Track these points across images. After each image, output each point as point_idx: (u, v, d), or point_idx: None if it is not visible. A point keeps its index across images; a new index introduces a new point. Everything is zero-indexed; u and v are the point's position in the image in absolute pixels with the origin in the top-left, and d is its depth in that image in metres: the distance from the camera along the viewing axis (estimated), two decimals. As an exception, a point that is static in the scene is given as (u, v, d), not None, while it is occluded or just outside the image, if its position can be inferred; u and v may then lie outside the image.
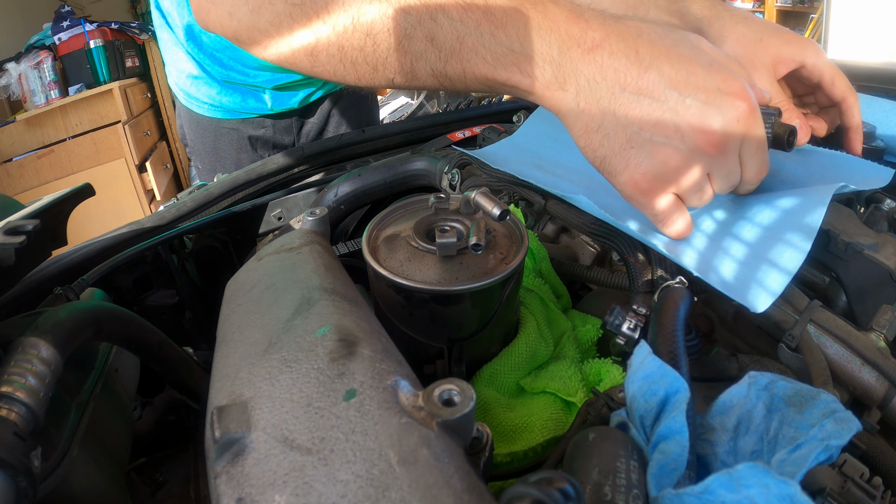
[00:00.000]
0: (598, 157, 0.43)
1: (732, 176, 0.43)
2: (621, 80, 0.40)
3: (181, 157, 3.63)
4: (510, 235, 0.46)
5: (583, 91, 0.41)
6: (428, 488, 0.22)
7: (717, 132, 0.40)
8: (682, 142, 0.40)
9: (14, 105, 2.95)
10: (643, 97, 0.40)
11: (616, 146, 0.42)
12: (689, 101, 0.40)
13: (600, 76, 0.41)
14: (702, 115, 0.40)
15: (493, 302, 0.43)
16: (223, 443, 0.25)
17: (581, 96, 0.41)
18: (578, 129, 0.43)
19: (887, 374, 0.40)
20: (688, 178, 0.42)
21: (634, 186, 0.43)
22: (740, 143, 0.42)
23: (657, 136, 0.40)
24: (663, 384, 0.30)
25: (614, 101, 0.41)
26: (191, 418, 0.61)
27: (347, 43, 0.45)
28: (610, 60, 0.40)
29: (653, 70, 0.40)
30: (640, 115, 0.40)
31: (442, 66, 0.44)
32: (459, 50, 0.43)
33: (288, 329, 0.32)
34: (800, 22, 4.93)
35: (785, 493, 0.23)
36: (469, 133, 0.93)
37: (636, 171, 0.42)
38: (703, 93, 0.40)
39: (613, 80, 0.40)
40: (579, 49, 0.41)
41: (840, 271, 0.48)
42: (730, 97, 0.40)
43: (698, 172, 0.42)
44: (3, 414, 0.32)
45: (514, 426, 0.42)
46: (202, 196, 0.80)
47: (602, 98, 0.41)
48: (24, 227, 0.43)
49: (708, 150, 0.40)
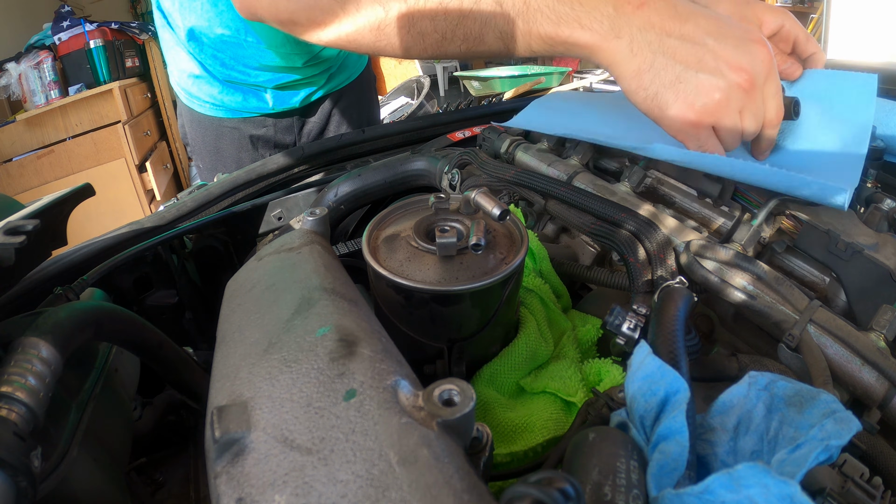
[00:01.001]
0: (649, 94, 0.50)
1: (759, 114, 0.50)
2: (667, 28, 0.48)
3: (181, 157, 3.63)
4: (510, 235, 0.46)
5: (636, 38, 0.48)
6: (428, 488, 0.22)
7: (748, 69, 0.48)
8: (723, 76, 0.48)
9: (14, 105, 2.95)
10: (686, 42, 0.48)
11: (667, 81, 0.49)
12: (723, 44, 0.48)
13: (649, 26, 0.48)
14: (736, 55, 0.48)
15: (493, 302, 0.43)
16: (223, 443, 0.25)
17: (634, 43, 0.49)
18: (631, 71, 0.49)
19: (887, 374, 0.40)
20: (727, 112, 0.49)
21: (683, 118, 0.49)
22: (764, 82, 0.49)
23: (702, 72, 0.48)
24: (663, 384, 0.30)
25: (662, 45, 0.48)
26: (191, 418, 0.61)
27: (419, 13, 0.50)
28: (656, 14, 0.48)
29: (690, 21, 0.48)
30: (685, 55, 0.48)
31: (510, 27, 0.50)
32: (525, 11, 0.49)
33: (288, 329, 0.32)
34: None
35: (785, 493, 0.23)
36: (469, 133, 0.94)
37: (685, 103, 0.49)
38: (733, 39, 0.48)
39: (661, 28, 0.48)
40: (630, 6, 0.49)
41: (840, 271, 0.48)
42: (754, 44, 0.48)
43: (735, 107, 0.49)
44: (3, 414, 0.32)
45: (514, 426, 0.42)
46: (202, 196, 0.80)
47: (652, 42, 0.48)
48: (24, 227, 0.43)
49: (743, 84, 0.48)
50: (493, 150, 0.76)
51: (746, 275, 0.48)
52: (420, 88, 3.03)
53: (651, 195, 0.62)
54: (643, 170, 0.61)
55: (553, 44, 0.50)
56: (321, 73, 1.20)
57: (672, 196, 0.61)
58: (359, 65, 1.33)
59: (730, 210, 0.57)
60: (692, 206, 0.59)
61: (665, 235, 0.53)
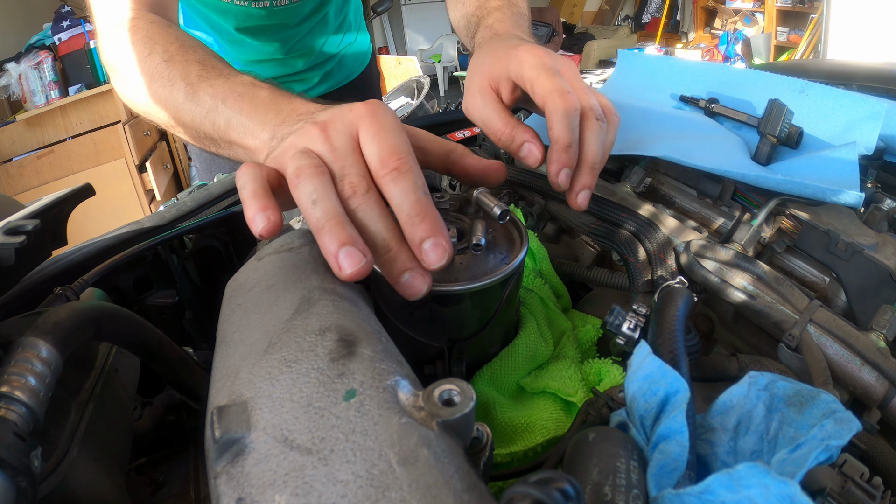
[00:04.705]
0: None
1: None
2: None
3: (181, 157, 3.63)
4: (510, 235, 0.46)
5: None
6: (428, 488, 0.22)
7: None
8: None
9: (14, 105, 2.95)
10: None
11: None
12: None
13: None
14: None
15: (493, 302, 0.43)
16: (223, 443, 0.25)
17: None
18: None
19: (887, 374, 0.40)
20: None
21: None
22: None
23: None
24: (663, 384, 0.30)
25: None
26: (191, 418, 0.61)
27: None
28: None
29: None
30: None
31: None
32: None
33: (288, 329, 0.32)
34: (800, 22, 4.93)
35: (785, 493, 0.22)
36: (469, 133, 0.94)
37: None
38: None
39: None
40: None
41: (840, 271, 0.48)
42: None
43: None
44: (3, 414, 0.32)
45: (514, 426, 0.42)
46: (202, 196, 0.80)
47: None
48: (24, 227, 0.43)
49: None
50: (494, 150, 0.76)
51: (746, 275, 0.48)
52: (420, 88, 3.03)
53: (651, 195, 0.62)
54: (643, 170, 0.61)
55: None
56: (313, 67, 1.20)
57: (672, 196, 0.61)
58: (359, 64, 1.33)
59: (730, 210, 0.57)
60: (692, 206, 0.59)
61: (665, 235, 0.53)
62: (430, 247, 0.36)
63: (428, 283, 0.37)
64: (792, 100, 0.62)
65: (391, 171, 0.37)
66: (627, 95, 0.76)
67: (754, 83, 0.69)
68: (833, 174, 0.54)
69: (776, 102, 0.59)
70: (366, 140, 0.39)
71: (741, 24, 5.54)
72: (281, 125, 0.46)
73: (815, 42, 4.42)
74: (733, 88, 0.70)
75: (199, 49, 0.58)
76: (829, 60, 1.08)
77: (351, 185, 0.38)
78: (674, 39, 6.42)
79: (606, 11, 6.84)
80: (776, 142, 0.59)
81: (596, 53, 5.66)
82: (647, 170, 0.61)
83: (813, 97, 0.63)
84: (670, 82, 0.77)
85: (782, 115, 0.58)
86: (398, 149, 0.38)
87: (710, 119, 0.68)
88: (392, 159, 0.37)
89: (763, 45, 5.09)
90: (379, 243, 0.37)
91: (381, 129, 0.39)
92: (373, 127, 0.39)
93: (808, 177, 0.52)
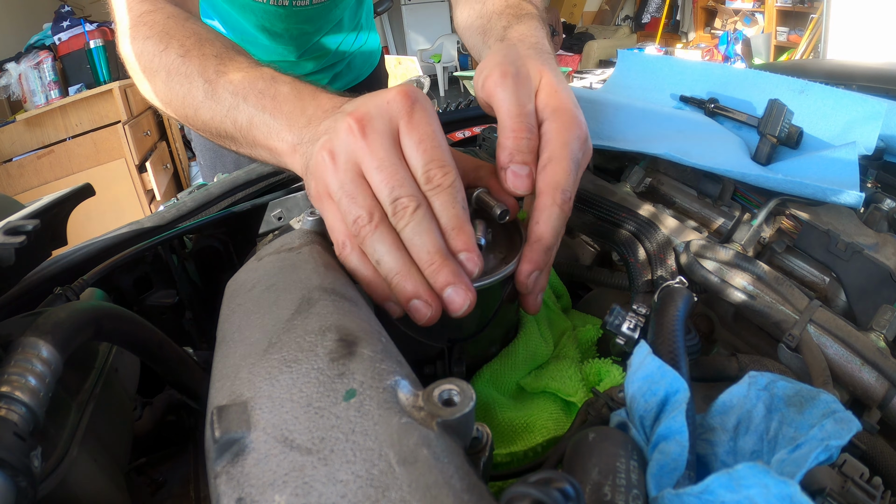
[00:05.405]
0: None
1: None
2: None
3: (181, 157, 3.63)
4: (510, 235, 0.46)
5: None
6: (428, 488, 0.22)
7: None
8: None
9: (14, 105, 2.95)
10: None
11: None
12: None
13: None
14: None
15: (493, 302, 0.43)
16: (223, 443, 0.25)
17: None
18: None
19: (887, 374, 0.40)
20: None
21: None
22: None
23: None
24: (663, 384, 0.30)
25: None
26: (191, 418, 0.61)
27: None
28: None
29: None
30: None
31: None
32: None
33: (288, 329, 0.32)
34: (800, 22, 4.93)
35: (785, 493, 0.22)
36: (469, 133, 0.93)
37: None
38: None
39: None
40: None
41: (840, 271, 0.48)
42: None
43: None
44: (3, 414, 0.32)
45: (514, 426, 0.42)
46: (202, 196, 0.80)
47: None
48: (24, 227, 0.43)
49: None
50: (494, 150, 0.76)
51: (746, 275, 0.48)
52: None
53: (651, 195, 0.62)
54: (643, 170, 0.61)
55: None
56: (323, 69, 1.20)
57: (672, 196, 0.61)
58: (368, 65, 1.33)
59: (730, 210, 0.57)
60: (692, 206, 0.59)
61: (665, 235, 0.53)
62: (465, 259, 0.37)
63: (471, 299, 0.36)
64: (792, 100, 0.62)
65: (436, 187, 0.37)
66: (627, 95, 0.76)
67: (754, 83, 0.69)
68: (833, 174, 0.54)
69: (776, 102, 0.59)
70: (409, 146, 0.38)
71: (741, 24, 5.54)
72: (307, 126, 0.44)
73: (815, 42, 4.43)
74: (733, 88, 0.70)
75: (216, 42, 0.56)
76: (829, 60, 1.08)
77: (403, 207, 0.37)
78: (674, 39, 6.42)
79: (606, 11, 6.85)
80: (776, 142, 0.59)
81: (596, 53, 5.67)
82: (646, 170, 0.61)
83: (813, 97, 0.63)
84: (670, 82, 0.77)
85: (782, 115, 0.58)
86: (444, 162, 0.37)
87: (710, 119, 0.68)
88: (438, 175, 0.37)
89: (763, 45, 5.09)
90: (424, 258, 0.37)
91: (424, 137, 0.38)
92: (416, 134, 0.38)
93: (808, 177, 0.52)
